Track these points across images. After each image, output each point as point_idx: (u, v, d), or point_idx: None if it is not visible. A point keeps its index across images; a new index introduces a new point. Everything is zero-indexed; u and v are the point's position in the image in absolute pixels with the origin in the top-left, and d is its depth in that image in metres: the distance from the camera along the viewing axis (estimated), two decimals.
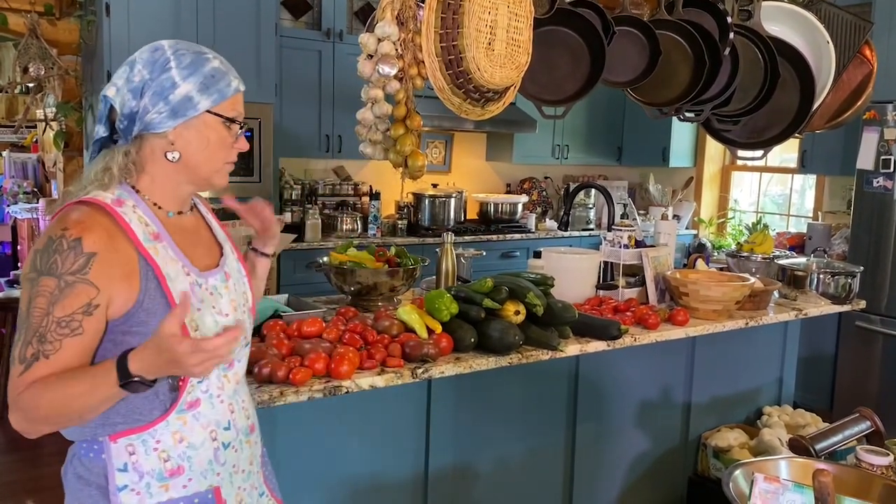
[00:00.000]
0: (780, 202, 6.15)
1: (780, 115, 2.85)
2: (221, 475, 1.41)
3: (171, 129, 1.34)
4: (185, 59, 1.34)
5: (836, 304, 3.25)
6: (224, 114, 1.36)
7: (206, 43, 4.16)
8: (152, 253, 1.31)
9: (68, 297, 1.23)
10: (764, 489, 1.45)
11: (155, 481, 1.34)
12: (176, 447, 1.35)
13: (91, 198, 1.31)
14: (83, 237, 1.25)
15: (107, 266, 1.26)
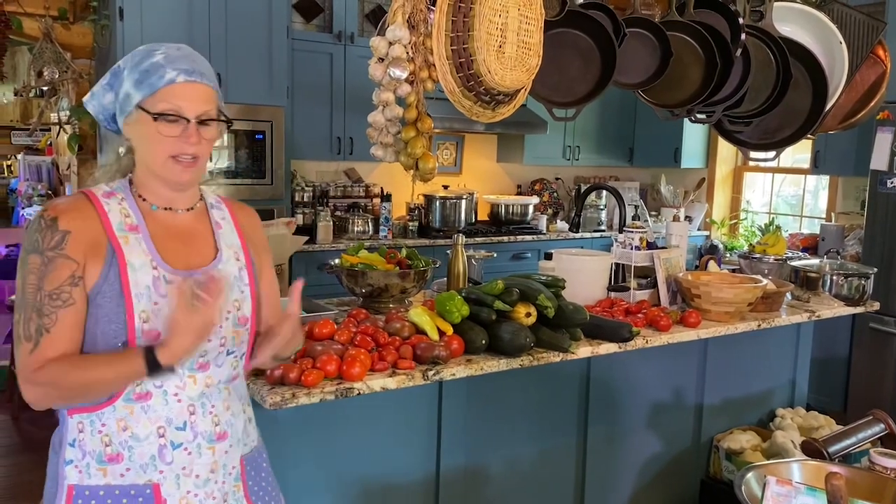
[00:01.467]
0: (793, 203, 6.11)
1: (792, 116, 2.84)
2: (165, 473, 1.41)
3: (122, 125, 1.43)
4: (137, 56, 1.40)
5: (849, 306, 3.23)
6: (151, 109, 1.36)
7: (219, 46, 4.22)
8: (122, 242, 1.37)
9: (53, 272, 1.32)
10: (776, 492, 1.44)
11: (94, 462, 1.39)
12: (119, 434, 1.38)
13: (86, 189, 1.42)
14: (58, 217, 1.35)
15: (80, 243, 1.34)
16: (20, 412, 4.43)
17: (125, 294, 1.35)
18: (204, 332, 1.32)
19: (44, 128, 5.89)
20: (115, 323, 1.35)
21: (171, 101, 1.37)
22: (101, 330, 1.35)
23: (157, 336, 1.36)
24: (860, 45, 2.87)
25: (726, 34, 2.61)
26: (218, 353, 1.45)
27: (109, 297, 1.35)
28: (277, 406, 1.87)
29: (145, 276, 1.37)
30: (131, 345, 1.35)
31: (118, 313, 1.35)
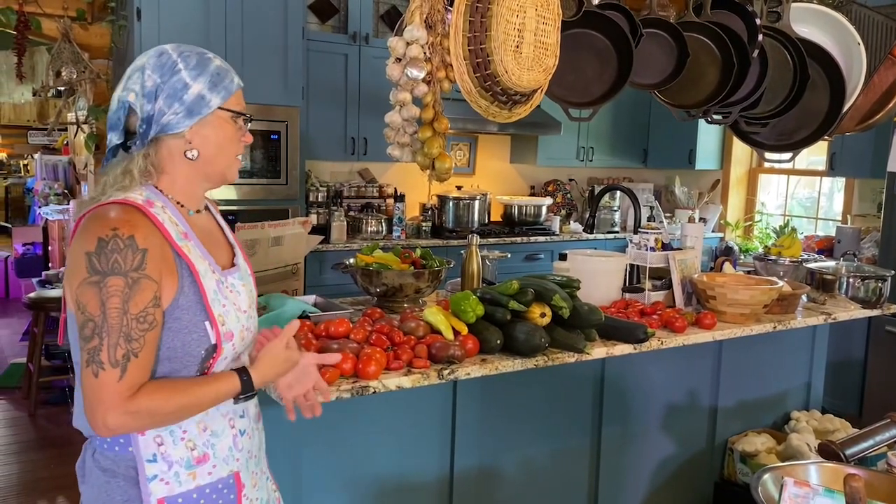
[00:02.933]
0: (808, 205, 6.08)
1: (809, 118, 2.82)
2: (240, 460, 1.48)
3: (187, 128, 1.38)
4: (192, 60, 1.39)
5: (865, 309, 3.20)
6: (232, 108, 1.42)
7: (235, 47, 4.24)
8: (185, 251, 1.36)
9: (138, 294, 1.28)
10: (794, 493, 1.44)
11: (183, 469, 1.39)
12: (201, 436, 1.41)
13: (124, 199, 1.34)
14: (135, 235, 1.29)
15: (156, 261, 1.31)
16: (36, 409, 4.47)
17: (204, 302, 1.37)
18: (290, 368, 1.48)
19: (61, 127, 5.95)
20: (195, 332, 1.36)
21: (240, 103, 1.45)
22: (182, 341, 1.35)
23: (232, 337, 1.41)
24: (878, 46, 2.85)
25: (743, 35, 2.60)
26: (250, 342, 1.52)
27: (187, 308, 1.35)
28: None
29: (210, 280, 1.39)
30: (217, 350, 1.38)
31: (198, 322, 1.36)
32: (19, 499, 3.45)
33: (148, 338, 1.29)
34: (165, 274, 1.32)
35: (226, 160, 1.45)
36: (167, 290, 1.33)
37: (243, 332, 1.45)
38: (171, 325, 1.34)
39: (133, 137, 1.39)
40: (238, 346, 1.44)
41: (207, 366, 1.39)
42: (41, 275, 5.98)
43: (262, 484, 1.57)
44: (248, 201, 4.47)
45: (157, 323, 1.31)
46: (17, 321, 6.47)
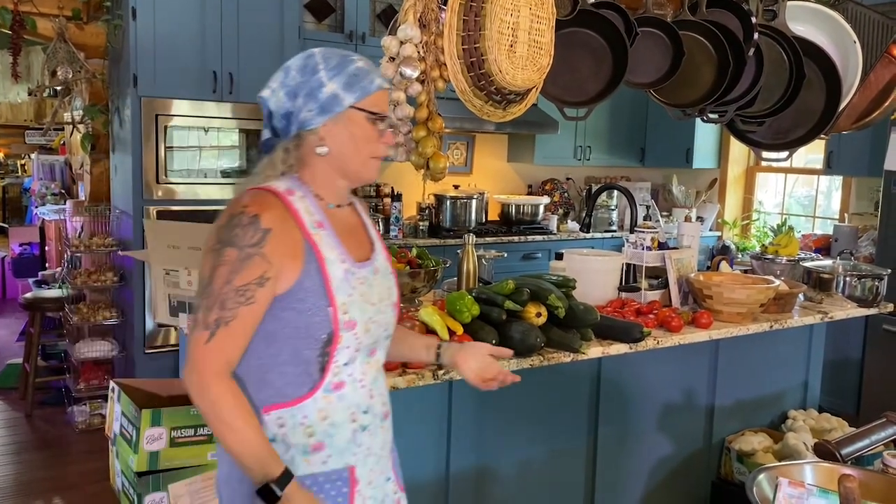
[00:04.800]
0: (806, 204, 6.08)
1: (805, 116, 2.81)
2: (357, 455, 1.49)
3: (320, 125, 1.44)
4: (332, 61, 1.45)
5: (862, 307, 3.20)
6: (367, 108, 1.45)
7: (230, 46, 4.23)
8: (315, 239, 1.43)
9: (246, 269, 1.35)
10: (788, 494, 1.43)
11: (299, 454, 1.44)
12: (320, 424, 1.44)
13: (266, 186, 1.44)
14: (261, 214, 1.37)
15: (279, 243, 1.37)
16: (33, 409, 4.46)
17: (327, 288, 1.41)
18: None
19: (57, 127, 5.94)
20: (318, 315, 1.41)
21: (379, 105, 1.48)
22: (306, 322, 1.40)
23: (354, 326, 1.44)
24: (874, 44, 2.84)
25: (739, 33, 2.60)
26: (384, 339, 1.56)
27: (312, 292, 1.41)
28: None
29: (338, 270, 1.44)
30: (335, 336, 1.42)
31: (321, 307, 1.41)
32: (16, 500, 3.44)
33: (242, 311, 1.34)
34: (289, 257, 1.38)
35: (359, 159, 1.48)
36: (289, 272, 1.39)
37: (369, 323, 1.48)
38: (295, 305, 1.40)
39: (277, 133, 1.48)
40: (363, 337, 1.47)
41: (328, 351, 1.43)
42: (38, 275, 5.97)
43: (380, 484, 1.56)
44: None
45: (256, 301, 1.36)
46: (13, 321, 6.46)
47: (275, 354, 1.41)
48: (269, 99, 1.47)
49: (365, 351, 1.49)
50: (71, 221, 4.81)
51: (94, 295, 4.50)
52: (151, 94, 4.10)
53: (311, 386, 1.43)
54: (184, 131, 4.25)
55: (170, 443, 2.15)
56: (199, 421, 2.18)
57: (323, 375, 1.43)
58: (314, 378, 1.43)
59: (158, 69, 4.09)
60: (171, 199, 4.23)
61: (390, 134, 1.51)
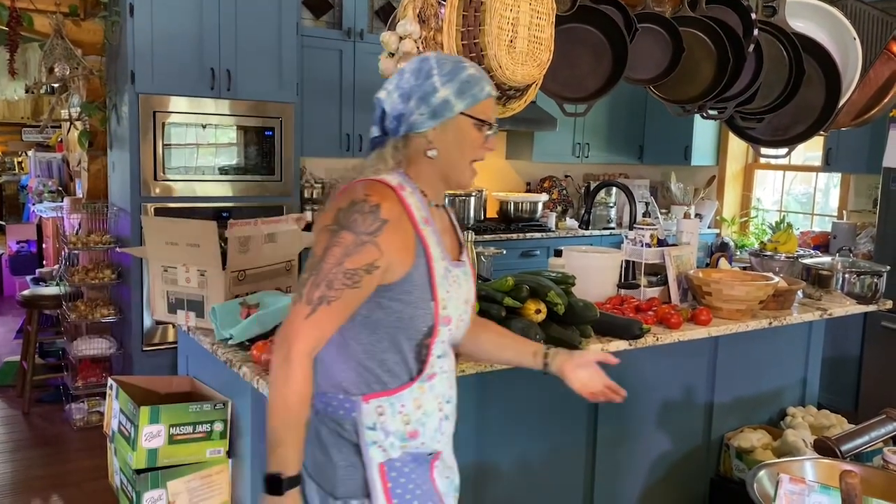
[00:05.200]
0: (804, 201, 6.08)
1: (804, 113, 2.81)
2: (441, 443, 1.58)
3: (430, 128, 1.50)
4: (446, 67, 1.50)
5: (861, 304, 3.20)
6: (476, 115, 1.50)
7: (228, 42, 4.22)
8: (424, 234, 1.49)
9: (359, 254, 1.40)
10: (790, 490, 1.43)
11: (398, 441, 1.50)
12: (415, 413, 1.51)
13: (381, 178, 1.48)
14: (381, 205, 1.43)
15: (393, 235, 1.43)
16: (30, 407, 4.45)
17: (432, 283, 1.48)
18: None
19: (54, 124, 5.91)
20: (422, 308, 1.48)
21: (486, 112, 1.53)
22: (411, 314, 1.47)
23: (450, 321, 1.52)
24: (874, 41, 2.84)
25: (738, 30, 2.59)
26: (462, 335, 1.62)
27: (418, 285, 1.47)
28: None
29: (440, 266, 1.51)
30: (434, 330, 1.49)
31: (425, 300, 1.48)
32: (13, 497, 3.44)
33: (346, 294, 1.40)
34: (401, 249, 1.45)
35: (463, 163, 1.54)
36: (400, 265, 1.45)
37: (459, 321, 1.55)
38: (402, 296, 1.46)
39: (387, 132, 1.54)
40: (455, 332, 1.55)
41: (427, 343, 1.50)
42: (35, 272, 5.95)
43: (454, 466, 1.66)
44: (242, 198, 4.44)
45: (362, 287, 1.41)
46: (11, 319, 6.44)
47: (376, 342, 1.48)
48: (384, 101, 1.53)
49: (450, 345, 1.57)
50: (68, 218, 4.80)
51: (91, 292, 4.49)
52: (149, 91, 4.08)
53: (410, 376, 1.50)
54: (182, 128, 4.23)
55: (168, 440, 2.14)
56: (197, 418, 2.17)
57: (422, 367, 1.50)
58: (411, 368, 1.50)
59: (156, 66, 4.08)
60: (169, 196, 4.22)
61: (493, 140, 1.55)
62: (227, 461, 2.23)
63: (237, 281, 2.46)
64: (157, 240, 2.48)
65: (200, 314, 2.43)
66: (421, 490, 1.52)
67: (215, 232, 2.38)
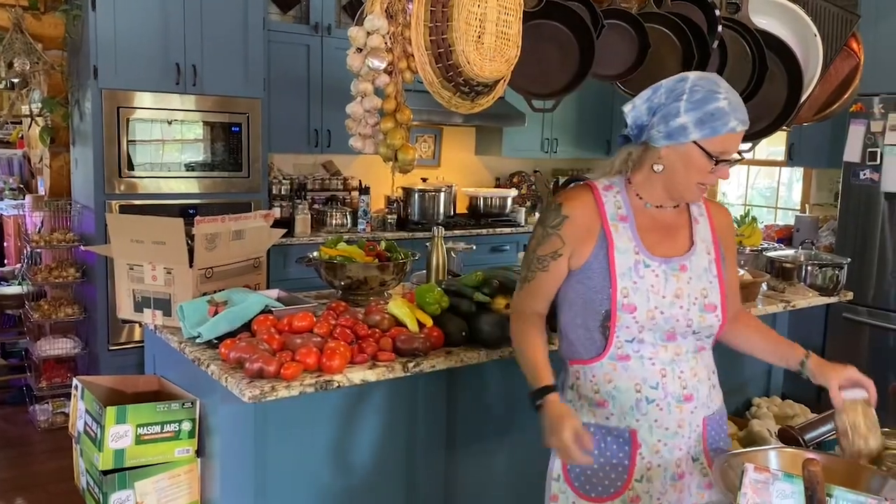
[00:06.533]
0: (768, 195, 6.18)
1: (768, 108, 2.85)
2: (640, 422, 1.69)
3: (663, 146, 1.65)
4: (698, 94, 1.60)
5: (823, 296, 3.27)
6: (708, 148, 1.61)
7: (193, 37, 4.17)
8: (612, 228, 1.68)
9: (545, 244, 1.72)
10: (754, 479, 1.46)
11: (586, 405, 1.73)
12: (605, 385, 1.70)
13: (591, 180, 1.76)
14: (563, 204, 1.72)
15: (574, 228, 1.69)
16: None
17: (611, 272, 1.65)
18: (564, 453, 1.58)
19: (15, 120, 5.79)
20: (601, 293, 1.66)
21: (725, 146, 1.62)
22: (590, 297, 1.68)
23: (634, 310, 1.64)
24: (834, 37, 2.89)
25: (703, 26, 2.62)
26: (684, 331, 1.70)
27: (598, 272, 1.67)
28: (256, 399, 1.86)
29: (628, 259, 1.66)
30: (612, 314, 1.65)
31: (604, 287, 1.66)
32: None
33: (539, 276, 1.73)
34: (585, 238, 1.69)
35: (685, 184, 1.67)
36: (582, 251, 1.69)
37: (653, 311, 1.65)
38: (584, 280, 1.69)
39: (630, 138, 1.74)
40: (644, 322, 1.65)
41: (608, 325, 1.66)
42: None
43: (670, 456, 1.72)
44: (208, 195, 4.39)
45: (550, 270, 1.72)
46: None
47: (572, 317, 1.73)
48: (628, 114, 1.70)
49: (657, 335, 1.67)
50: (30, 216, 4.70)
51: (55, 291, 4.41)
52: (113, 87, 4.02)
53: (597, 352, 1.69)
54: (147, 124, 4.17)
55: (136, 440, 2.11)
56: (165, 418, 2.15)
57: (606, 346, 1.68)
58: (598, 346, 1.69)
59: (120, 61, 4.01)
60: (134, 193, 4.16)
61: (727, 170, 1.65)
62: (196, 460, 2.20)
63: (204, 278, 2.43)
64: (122, 237, 2.45)
65: (167, 312, 2.40)
66: (598, 462, 1.71)
67: (182, 229, 2.35)
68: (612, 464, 1.72)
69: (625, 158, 1.76)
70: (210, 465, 2.18)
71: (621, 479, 1.71)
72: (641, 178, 1.72)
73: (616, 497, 1.72)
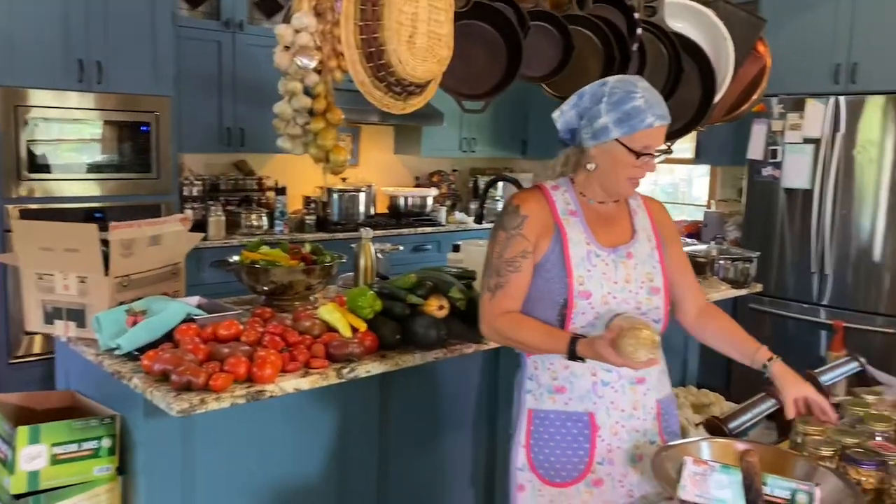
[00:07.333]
0: (670, 191, 6.41)
1: (683, 109, 2.94)
2: (597, 404, 1.78)
3: (591, 147, 1.78)
4: (615, 96, 1.73)
5: (735, 288, 3.41)
6: (629, 144, 1.73)
7: (97, 32, 3.97)
8: (565, 223, 1.80)
9: (511, 246, 1.79)
10: (693, 471, 1.49)
11: (546, 392, 1.82)
12: (562, 371, 1.79)
13: (540, 183, 1.90)
14: (521, 205, 1.82)
15: (534, 225, 1.80)
16: None
17: (567, 263, 1.76)
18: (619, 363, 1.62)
19: None
20: (558, 283, 1.76)
21: (645, 141, 1.74)
22: (549, 288, 1.77)
23: (589, 296, 1.75)
24: (743, 40, 3.02)
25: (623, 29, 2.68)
26: (634, 314, 1.77)
27: (555, 264, 1.77)
28: (185, 413, 1.78)
29: (581, 249, 1.78)
30: (570, 302, 1.74)
31: (561, 277, 1.76)
32: None
33: (512, 278, 1.78)
34: (543, 234, 1.79)
35: (615, 179, 1.79)
36: (540, 247, 1.79)
37: (607, 297, 1.76)
38: (543, 273, 1.79)
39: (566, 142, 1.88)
40: (599, 307, 1.76)
41: (565, 313, 1.75)
42: None
43: (628, 437, 1.81)
44: (116, 197, 4.19)
45: (523, 269, 1.78)
46: None
47: (529, 310, 1.80)
48: (557, 120, 1.85)
49: (596, 316, 1.76)
50: None
51: None
52: (9, 84, 3.78)
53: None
54: (47, 124, 3.94)
55: (51, 461, 1.98)
56: (83, 435, 2.02)
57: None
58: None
59: (17, 56, 3.77)
60: (35, 197, 3.92)
61: (651, 163, 1.76)
62: (118, 478, 2.09)
63: (121, 287, 2.31)
64: (29, 245, 2.29)
65: (82, 324, 2.27)
66: (560, 447, 1.80)
67: (96, 235, 2.22)
68: (574, 448, 1.80)
69: (564, 161, 1.89)
70: (133, 483, 2.08)
71: (583, 463, 1.79)
72: (582, 178, 1.85)
73: (580, 480, 1.80)
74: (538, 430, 1.82)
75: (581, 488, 1.81)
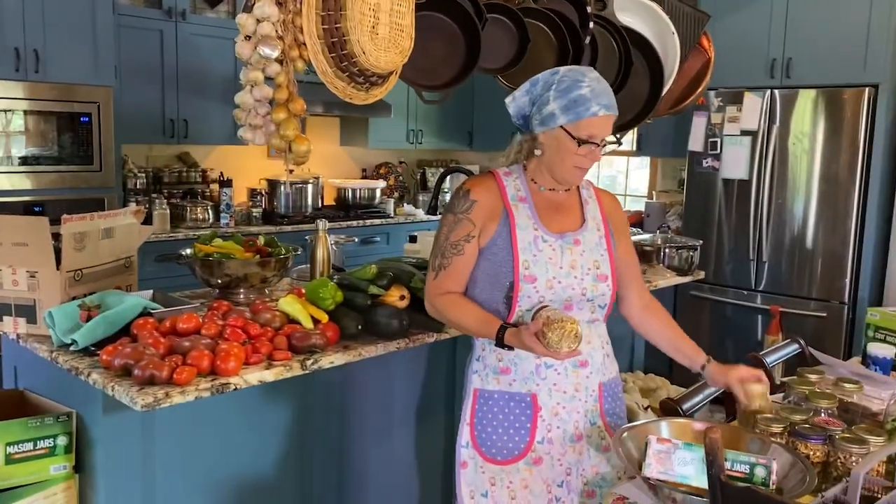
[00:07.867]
0: (608, 182, 6.56)
1: (632, 102, 3.03)
2: (540, 386, 1.84)
3: (540, 133, 1.83)
4: (564, 84, 1.78)
5: (680, 276, 3.53)
6: (573, 132, 1.77)
7: (34, 20, 3.83)
8: (513, 209, 1.84)
9: (458, 229, 1.84)
10: (657, 450, 1.56)
11: (491, 373, 1.88)
12: (507, 353, 1.84)
13: (493, 169, 1.92)
14: (471, 189, 1.86)
15: (482, 210, 1.84)
16: None
17: (513, 247, 1.81)
18: (543, 353, 1.69)
19: None
20: (505, 266, 1.81)
21: (590, 129, 1.77)
22: (496, 271, 1.82)
23: (535, 280, 1.80)
24: (688, 35, 3.12)
25: (576, 22, 2.74)
26: (580, 300, 1.85)
27: (502, 248, 1.82)
28: (150, 407, 1.76)
29: (528, 234, 1.82)
30: (516, 286, 1.79)
31: (508, 261, 1.81)
32: None
33: (455, 260, 1.84)
34: (491, 218, 1.83)
35: (561, 166, 1.83)
36: (488, 231, 1.83)
37: (552, 281, 1.81)
38: (490, 257, 1.84)
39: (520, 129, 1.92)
40: (543, 291, 1.80)
41: (511, 296, 1.80)
42: None
43: (568, 418, 1.87)
44: (56, 190, 4.06)
45: (466, 253, 1.84)
46: None
47: (478, 293, 1.86)
48: (509, 105, 1.88)
49: (555, 305, 1.80)
50: None
51: None
52: None
53: (502, 322, 1.79)
54: None
55: (5, 460, 1.92)
56: (38, 433, 1.97)
57: (509, 316, 1.82)
58: (502, 317, 1.82)
59: None
60: None
61: (596, 152, 1.80)
62: (74, 477, 2.04)
63: (73, 281, 2.25)
64: None
65: (32, 320, 2.20)
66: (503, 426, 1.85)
67: (47, 229, 2.16)
68: (516, 427, 1.85)
69: (518, 149, 1.93)
70: (90, 481, 2.03)
71: (524, 442, 1.85)
72: (533, 165, 1.89)
73: (520, 459, 1.85)
74: (482, 409, 1.88)
75: (521, 466, 1.86)
